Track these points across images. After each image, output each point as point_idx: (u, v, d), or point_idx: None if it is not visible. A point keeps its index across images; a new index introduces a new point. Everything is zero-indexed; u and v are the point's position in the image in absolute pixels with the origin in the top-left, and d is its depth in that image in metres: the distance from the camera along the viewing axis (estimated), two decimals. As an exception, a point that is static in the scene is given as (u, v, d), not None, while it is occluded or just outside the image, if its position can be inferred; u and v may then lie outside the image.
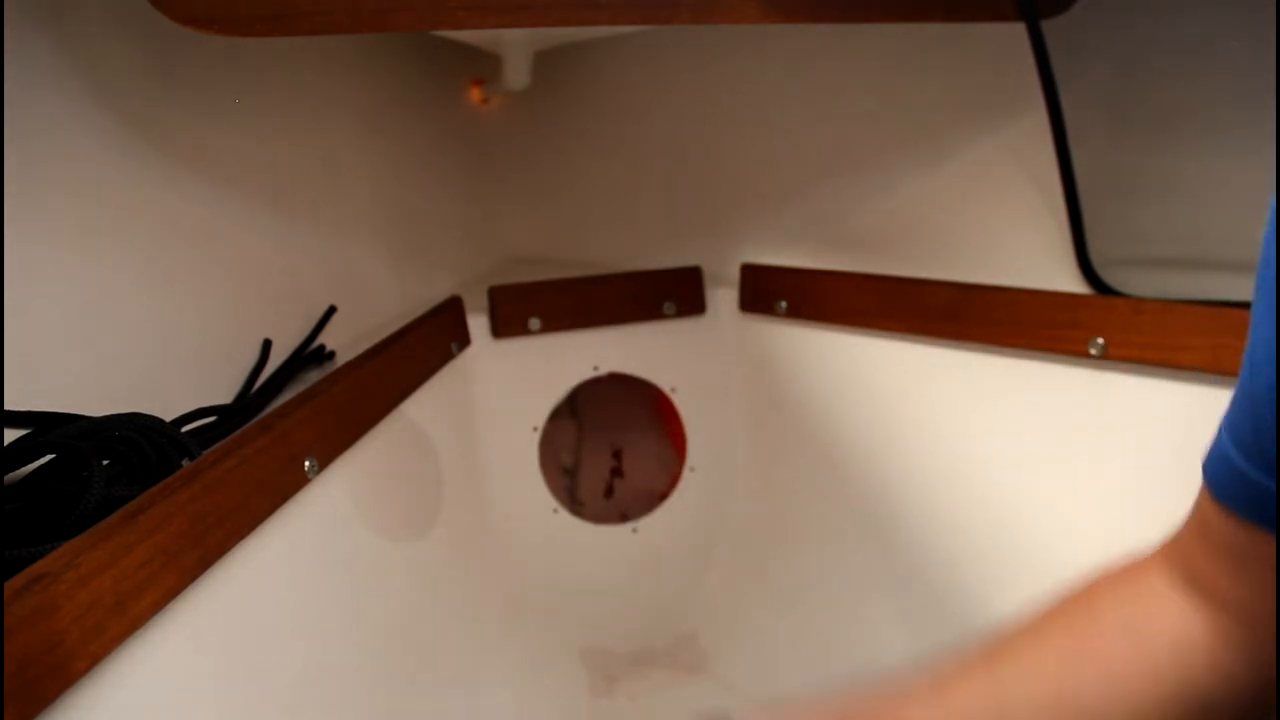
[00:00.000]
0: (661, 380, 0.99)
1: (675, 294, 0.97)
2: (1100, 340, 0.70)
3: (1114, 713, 0.40)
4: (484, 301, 0.92)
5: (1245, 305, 0.64)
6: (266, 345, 0.70)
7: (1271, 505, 0.33)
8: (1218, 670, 0.38)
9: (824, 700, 0.46)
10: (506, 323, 0.92)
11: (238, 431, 0.51)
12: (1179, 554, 0.40)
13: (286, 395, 0.66)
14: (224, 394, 0.64)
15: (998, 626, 0.45)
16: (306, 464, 0.55)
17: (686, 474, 1.01)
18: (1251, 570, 0.36)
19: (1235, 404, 0.35)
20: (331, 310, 0.78)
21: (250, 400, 0.64)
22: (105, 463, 0.44)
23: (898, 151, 0.90)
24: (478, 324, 0.92)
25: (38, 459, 0.44)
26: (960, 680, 0.44)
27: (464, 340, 0.90)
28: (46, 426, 0.46)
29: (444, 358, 0.84)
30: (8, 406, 0.45)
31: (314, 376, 0.69)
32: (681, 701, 0.84)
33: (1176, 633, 0.39)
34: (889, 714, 0.45)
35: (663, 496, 1.01)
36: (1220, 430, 0.35)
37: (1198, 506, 0.38)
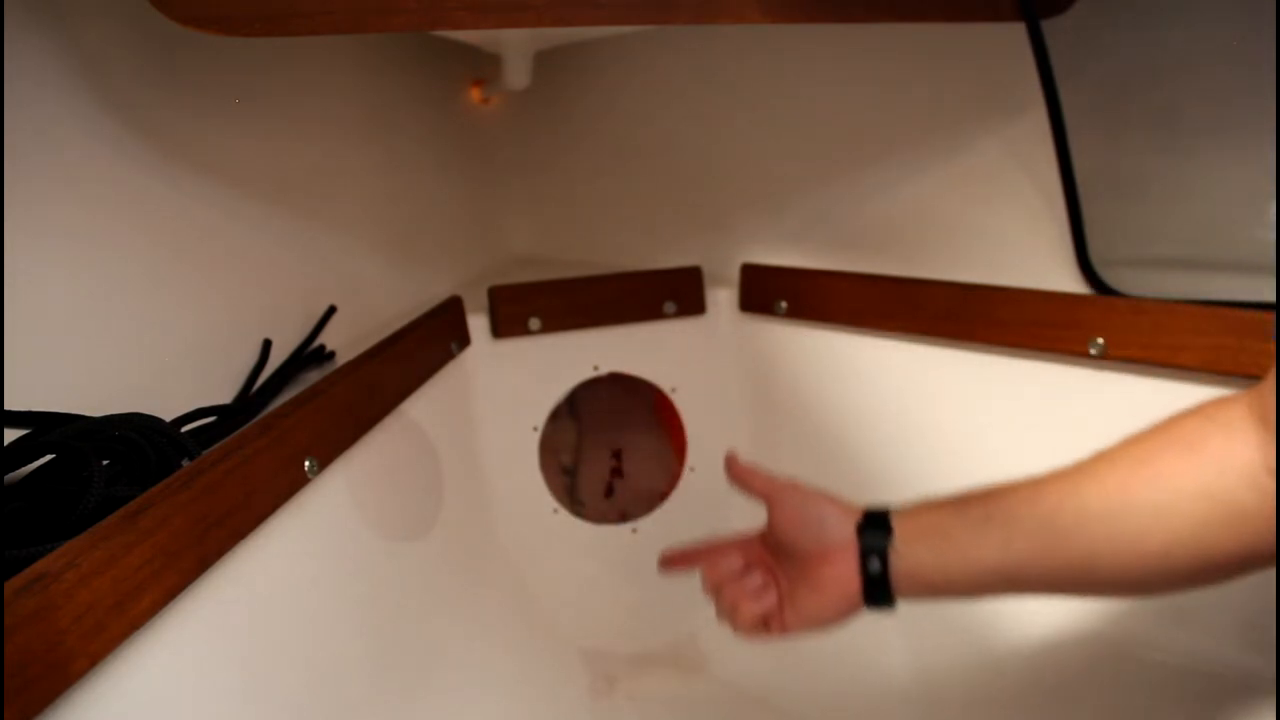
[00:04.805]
0: (661, 380, 0.99)
1: (675, 294, 0.97)
2: (1100, 340, 0.70)
3: (1158, 512, 0.46)
4: (484, 301, 0.92)
5: (1245, 305, 0.64)
6: (266, 345, 0.70)
7: None
8: (1257, 490, 0.43)
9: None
10: (506, 323, 0.92)
11: (238, 431, 0.51)
12: (1257, 391, 0.46)
13: (286, 395, 0.66)
14: (224, 394, 0.64)
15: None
16: (306, 464, 0.55)
17: (686, 474, 1.01)
18: None
19: None
20: (331, 310, 0.78)
21: (250, 400, 0.64)
22: (105, 463, 0.44)
23: (897, 152, 0.90)
24: (478, 324, 0.92)
25: (38, 459, 0.44)
26: (1017, 490, 0.51)
27: (464, 340, 0.90)
28: (46, 426, 0.46)
29: (444, 358, 0.84)
30: (8, 406, 0.45)
31: (314, 376, 0.69)
32: (681, 701, 0.84)
33: (1229, 451, 0.45)
34: (948, 507, 0.53)
35: (663, 496, 1.01)
36: None
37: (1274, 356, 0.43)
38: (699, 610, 0.94)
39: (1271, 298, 0.64)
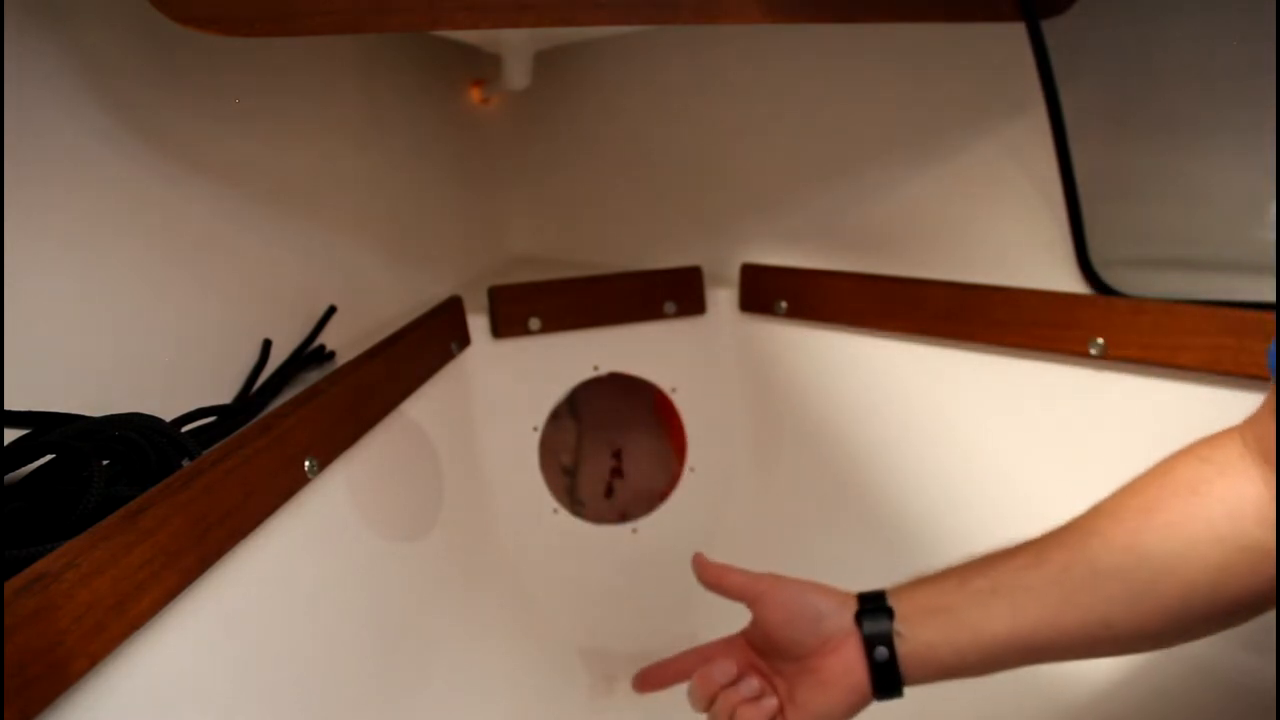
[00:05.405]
0: (661, 380, 0.99)
1: (675, 294, 0.97)
2: (1100, 340, 0.70)
3: (1172, 562, 0.45)
4: (484, 301, 0.92)
5: (1245, 305, 0.64)
6: (266, 345, 0.70)
7: None
8: (1266, 525, 0.43)
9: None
10: (506, 323, 0.92)
11: (238, 431, 0.51)
12: (1251, 425, 0.45)
13: (286, 395, 0.66)
14: (224, 394, 0.64)
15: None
16: (306, 464, 0.55)
17: (686, 474, 1.01)
18: None
19: None
20: (331, 310, 0.78)
21: (250, 400, 0.64)
22: (105, 463, 0.44)
23: (898, 151, 0.90)
24: (478, 324, 0.92)
25: (38, 459, 0.44)
26: (1018, 556, 0.49)
27: (464, 340, 0.90)
28: (46, 426, 0.46)
29: (444, 358, 0.84)
30: (8, 406, 0.45)
31: (314, 376, 0.69)
32: (681, 702, 0.84)
33: (1235, 492, 0.44)
34: (948, 581, 0.50)
35: (663, 496, 1.02)
36: None
37: (1272, 387, 0.44)
38: (699, 610, 0.94)
39: (1271, 298, 0.64)
